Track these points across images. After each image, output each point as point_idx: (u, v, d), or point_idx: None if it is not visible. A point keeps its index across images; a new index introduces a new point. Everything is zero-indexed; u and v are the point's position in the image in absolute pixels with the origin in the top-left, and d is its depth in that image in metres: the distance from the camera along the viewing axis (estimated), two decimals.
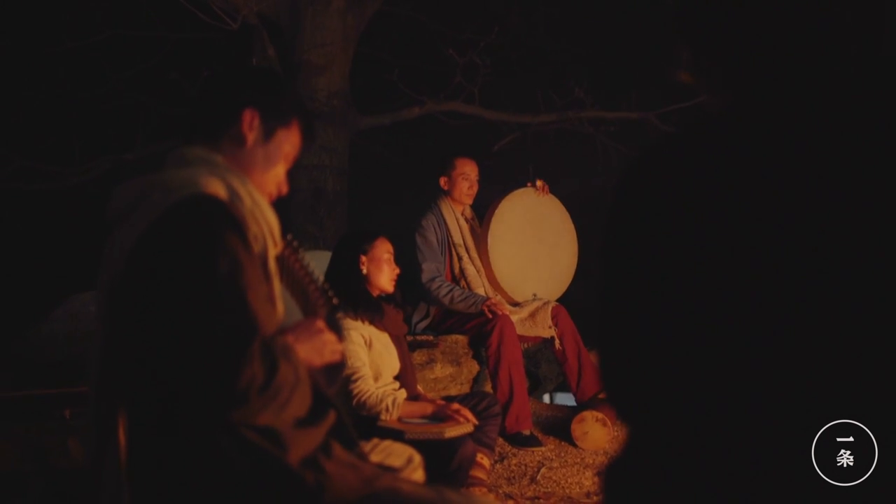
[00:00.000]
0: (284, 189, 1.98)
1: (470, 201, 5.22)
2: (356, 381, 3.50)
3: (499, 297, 5.16)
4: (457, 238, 5.11)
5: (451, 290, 4.90)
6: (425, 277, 4.93)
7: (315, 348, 1.88)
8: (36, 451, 3.25)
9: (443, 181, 5.17)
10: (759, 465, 1.01)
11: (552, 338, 5.04)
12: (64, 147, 6.97)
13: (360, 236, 3.77)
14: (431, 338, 5.01)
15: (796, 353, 1.00)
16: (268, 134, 1.91)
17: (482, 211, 5.35)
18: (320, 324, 1.92)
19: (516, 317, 5.03)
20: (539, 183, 5.37)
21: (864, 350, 0.99)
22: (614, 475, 1.20)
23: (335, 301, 2.08)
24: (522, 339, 5.01)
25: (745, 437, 1.03)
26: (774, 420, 1.02)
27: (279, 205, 1.91)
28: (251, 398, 1.59)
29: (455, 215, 5.15)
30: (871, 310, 0.99)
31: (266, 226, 1.79)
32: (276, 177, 1.94)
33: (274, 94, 1.95)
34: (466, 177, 5.13)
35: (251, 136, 1.89)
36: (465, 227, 5.19)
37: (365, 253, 3.68)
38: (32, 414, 3.51)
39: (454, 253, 5.12)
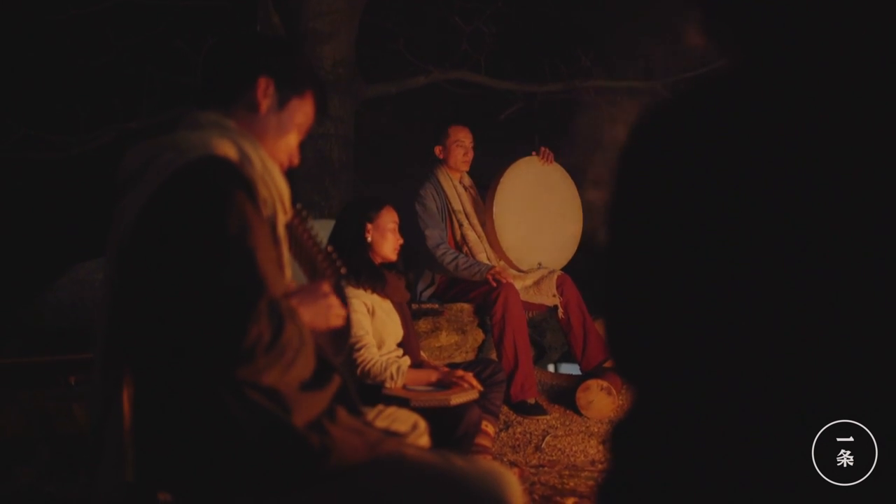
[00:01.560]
0: (296, 160, 1.99)
1: (466, 168, 5.23)
2: (359, 349, 3.50)
3: (502, 263, 5.17)
4: (456, 205, 5.13)
5: (455, 258, 4.92)
6: (431, 243, 4.94)
7: (319, 312, 1.89)
8: (41, 418, 3.27)
9: (438, 150, 5.20)
10: (760, 443, 1.01)
11: (556, 306, 5.04)
12: (68, 116, 6.95)
13: (366, 204, 3.75)
14: (437, 306, 5.02)
15: (791, 324, 1.00)
16: (282, 102, 1.92)
17: (486, 180, 5.34)
18: (325, 287, 1.93)
19: (521, 283, 5.03)
20: (543, 150, 5.36)
21: (865, 344, 0.98)
22: (619, 439, 1.19)
23: (343, 271, 2.08)
24: (527, 307, 5.02)
25: (748, 408, 1.02)
26: (769, 391, 1.01)
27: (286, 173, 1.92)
28: (257, 356, 1.60)
29: (453, 183, 5.17)
30: (873, 297, 0.98)
31: (276, 191, 1.80)
32: (287, 145, 1.95)
33: (290, 64, 1.96)
34: (461, 143, 5.15)
35: (265, 104, 1.89)
36: (464, 193, 5.20)
37: (371, 221, 3.66)
38: (38, 381, 3.53)
39: (454, 220, 5.14)
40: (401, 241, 3.75)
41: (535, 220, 5.30)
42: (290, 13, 6.79)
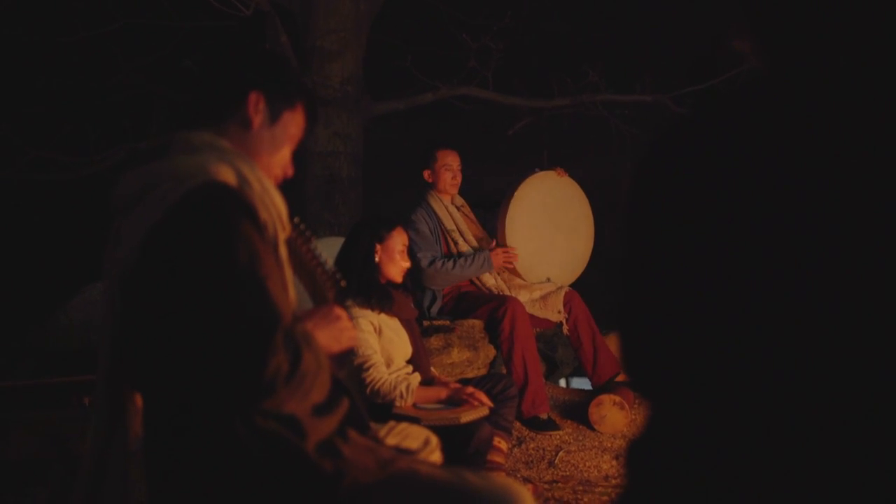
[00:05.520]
0: (290, 172, 1.96)
1: (455, 191, 5.24)
2: (368, 369, 3.48)
3: (505, 275, 5.17)
4: (448, 224, 5.14)
5: (454, 263, 4.94)
6: (425, 262, 4.94)
7: (333, 335, 1.87)
8: (56, 439, 3.26)
9: (426, 174, 5.20)
10: (777, 448, 1.00)
11: (560, 323, 5.04)
12: (78, 137, 6.98)
13: (377, 224, 3.73)
14: (448, 322, 5.02)
15: (809, 339, 0.99)
16: (274, 117, 1.89)
17: (493, 195, 5.36)
18: (338, 311, 1.91)
19: (527, 296, 5.03)
20: (559, 170, 5.40)
21: (877, 345, 0.98)
22: (636, 455, 1.19)
23: (343, 284, 2.06)
24: (533, 322, 5.01)
25: (764, 418, 1.02)
26: (787, 407, 1.00)
27: (292, 192, 1.89)
28: (278, 387, 1.57)
29: (443, 204, 5.18)
30: (884, 304, 0.97)
31: (275, 211, 1.76)
32: (282, 160, 1.92)
33: (279, 77, 1.93)
34: (449, 167, 5.16)
35: (257, 119, 1.86)
36: (456, 213, 5.21)
37: (381, 241, 3.65)
38: (52, 402, 3.53)
39: (449, 239, 5.14)
40: (407, 265, 3.74)
41: (547, 235, 5.30)
42: (298, 32, 6.82)
